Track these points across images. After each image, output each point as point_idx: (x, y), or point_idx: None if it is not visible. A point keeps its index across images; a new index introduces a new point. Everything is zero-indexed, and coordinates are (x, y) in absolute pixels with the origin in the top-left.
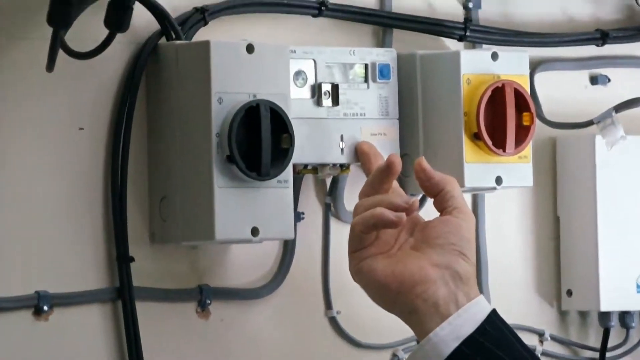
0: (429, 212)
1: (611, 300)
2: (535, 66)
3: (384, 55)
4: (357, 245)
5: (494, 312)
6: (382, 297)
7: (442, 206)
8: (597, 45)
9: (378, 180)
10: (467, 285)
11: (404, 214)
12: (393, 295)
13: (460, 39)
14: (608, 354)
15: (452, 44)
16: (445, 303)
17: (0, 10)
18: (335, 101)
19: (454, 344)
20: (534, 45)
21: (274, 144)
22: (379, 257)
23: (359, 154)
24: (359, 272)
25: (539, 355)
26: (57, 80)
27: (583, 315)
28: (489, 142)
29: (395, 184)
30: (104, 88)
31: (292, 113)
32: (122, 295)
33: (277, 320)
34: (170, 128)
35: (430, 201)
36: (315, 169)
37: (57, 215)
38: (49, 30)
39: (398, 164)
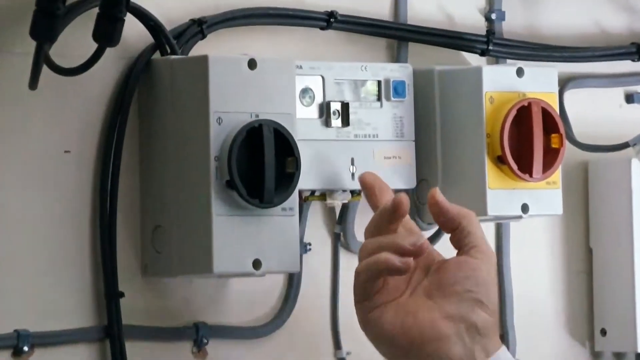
0: (446, 246)
1: None
2: (565, 83)
3: (399, 71)
4: (364, 295)
5: None
6: (391, 353)
7: (459, 244)
8: (633, 61)
9: (384, 220)
10: (486, 337)
11: (411, 259)
12: (403, 353)
13: (483, 53)
14: None
15: (473, 59)
16: None
17: None
18: (345, 121)
19: None
20: (564, 60)
21: (278, 168)
22: (388, 306)
23: (362, 187)
24: (366, 324)
25: None
26: (41, 99)
27: (619, 357)
28: (514, 167)
29: (406, 217)
30: (92, 107)
31: (298, 134)
32: (110, 334)
33: None
34: (165, 151)
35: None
36: (324, 195)
37: (39, 246)
38: (32, 44)
39: (405, 205)
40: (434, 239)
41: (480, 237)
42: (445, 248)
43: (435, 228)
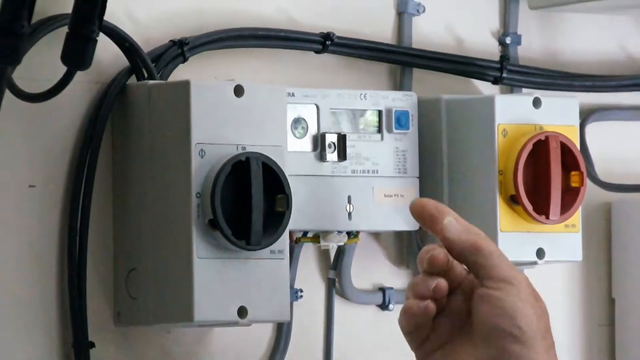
0: None
1: None
2: (587, 115)
3: (402, 100)
4: (413, 345)
5: None
6: None
7: (476, 280)
8: None
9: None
10: None
11: (428, 303)
12: None
13: (496, 81)
14: None
15: (485, 87)
16: None
17: None
18: (342, 155)
19: None
20: (586, 90)
21: (267, 207)
22: (438, 354)
23: (418, 216)
24: None
25: None
26: (3, 127)
27: None
28: (529, 207)
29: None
30: (60, 137)
31: (290, 169)
32: None
33: None
34: (142, 186)
35: None
36: (317, 237)
37: (1, 291)
38: None
39: (440, 260)
40: None
41: (495, 265)
42: None
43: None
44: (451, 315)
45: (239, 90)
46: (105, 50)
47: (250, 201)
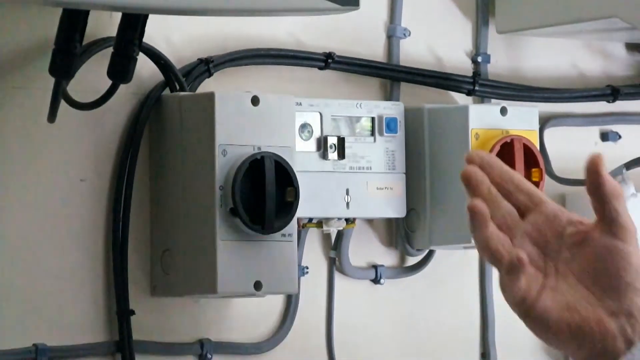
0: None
1: None
2: (545, 122)
3: (391, 109)
4: (510, 292)
5: None
6: (555, 343)
7: (606, 221)
8: (608, 102)
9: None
10: None
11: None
12: (567, 345)
13: (469, 93)
14: None
15: (460, 98)
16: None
17: (2, 60)
18: (341, 155)
19: None
20: (544, 101)
21: (279, 197)
22: (543, 295)
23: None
24: (532, 326)
25: None
26: (58, 131)
27: None
28: None
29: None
30: (106, 139)
31: (297, 166)
32: (121, 349)
33: None
34: (174, 180)
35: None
36: (320, 222)
37: (57, 266)
38: (50, 81)
39: (520, 263)
40: (421, 265)
41: (627, 215)
42: (432, 278)
43: (424, 253)
44: (535, 247)
45: (255, 100)
46: (144, 67)
47: (265, 193)
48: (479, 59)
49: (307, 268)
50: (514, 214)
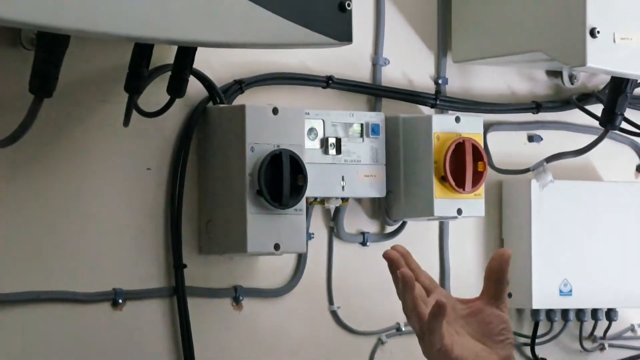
0: (407, 239)
1: (540, 300)
2: (488, 127)
3: (375, 117)
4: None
5: None
6: None
7: (496, 299)
8: (533, 113)
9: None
10: None
11: (404, 271)
12: None
13: (432, 106)
14: (537, 340)
15: (426, 110)
16: None
17: (90, 81)
18: (339, 151)
19: None
20: (487, 112)
21: (292, 182)
22: (455, 345)
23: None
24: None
25: None
26: (131, 133)
27: (519, 312)
28: (453, 183)
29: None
30: (166, 139)
31: (306, 159)
32: (177, 293)
33: (292, 312)
34: (215, 169)
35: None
36: (322, 201)
37: (130, 232)
38: (125, 96)
39: (443, 306)
40: (397, 232)
41: (506, 293)
42: (405, 241)
43: (399, 223)
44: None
45: (275, 111)
46: (193, 86)
47: (282, 179)
48: (440, 81)
49: (313, 234)
50: (422, 288)
